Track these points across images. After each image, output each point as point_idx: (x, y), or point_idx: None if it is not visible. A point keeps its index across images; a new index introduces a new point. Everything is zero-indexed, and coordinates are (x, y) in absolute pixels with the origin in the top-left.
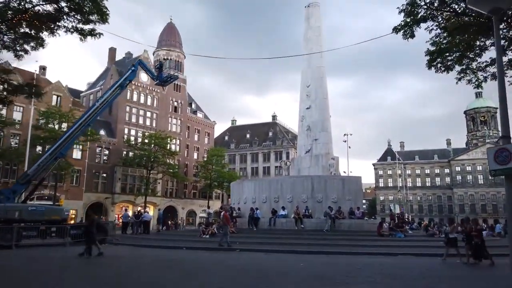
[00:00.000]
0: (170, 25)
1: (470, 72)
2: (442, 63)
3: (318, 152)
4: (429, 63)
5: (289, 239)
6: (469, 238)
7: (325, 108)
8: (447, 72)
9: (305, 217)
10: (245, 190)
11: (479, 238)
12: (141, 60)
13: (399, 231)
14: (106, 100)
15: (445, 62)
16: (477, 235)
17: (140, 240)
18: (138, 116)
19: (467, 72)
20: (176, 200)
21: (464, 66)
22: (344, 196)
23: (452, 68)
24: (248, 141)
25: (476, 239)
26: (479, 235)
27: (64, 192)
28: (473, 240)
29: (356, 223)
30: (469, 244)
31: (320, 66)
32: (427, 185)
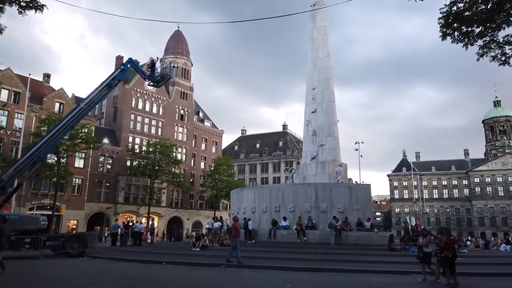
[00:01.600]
0: (177, 33)
1: (495, 46)
2: (459, 30)
3: (324, 159)
4: (444, 28)
5: (287, 254)
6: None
7: (332, 111)
8: (467, 43)
9: (308, 228)
10: (244, 199)
11: (450, 251)
12: (131, 59)
13: (413, 245)
14: (92, 101)
15: (464, 27)
16: (448, 248)
17: (123, 253)
18: (143, 124)
19: (491, 45)
20: (182, 211)
21: (487, 37)
22: (351, 205)
23: (472, 36)
24: (258, 151)
25: (446, 252)
26: (450, 248)
27: (65, 202)
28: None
29: (364, 236)
30: (440, 261)
31: (327, 67)
32: (444, 197)
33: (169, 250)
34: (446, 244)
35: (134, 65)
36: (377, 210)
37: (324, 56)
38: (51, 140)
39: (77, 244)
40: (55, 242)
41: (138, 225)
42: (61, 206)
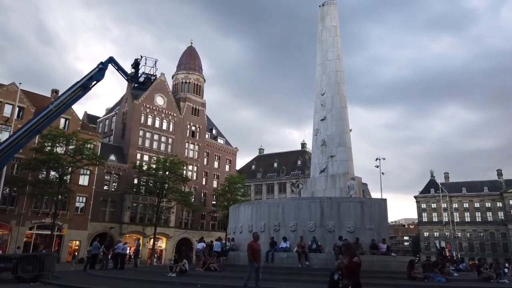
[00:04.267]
0: (190, 49)
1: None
2: None
3: (335, 172)
4: None
5: (280, 283)
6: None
7: (343, 118)
8: None
9: (312, 251)
10: (241, 216)
11: (351, 280)
12: (112, 58)
13: (438, 272)
14: (63, 103)
15: None
16: (349, 275)
17: (87, 280)
18: (152, 141)
19: None
20: (192, 232)
21: None
22: (363, 224)
23: None
24: (276, 170)
25: (346, 280)
26: (352, 275)
27: (67, 221)
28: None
29: (379, 261)
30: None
31: (337, 70)
32: (477, 220)
33: (144, 276)
34: (347, 269)
35: (115, 65)
36: (405, 234)
37: (335, 59)
38: (12, 146)
39: (31, 266)
40: (5, 264)
41: (121, 246)
42: (63, 226)
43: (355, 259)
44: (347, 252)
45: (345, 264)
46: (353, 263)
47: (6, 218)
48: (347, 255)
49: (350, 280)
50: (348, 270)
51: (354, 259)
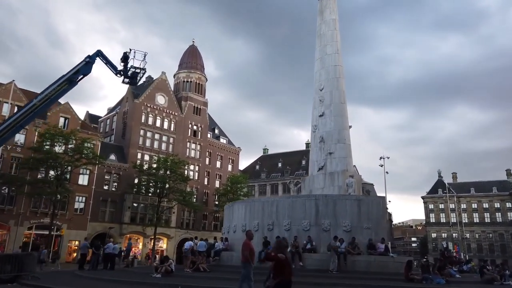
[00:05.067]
0: (192, 48)
1: None
2: None
3: (334, 169)
4: None
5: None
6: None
7: (342, 114)
8: None
9: (306, 251)
10: (234, 215)
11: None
12: (100, 51)
13: (437, 273)
14: (48, 97)
15: None
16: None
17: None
18: (153, 140)
19: None
20: (193, 232)
21: None
22: (360, 223)
23: None
24: (280, 170)
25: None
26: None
27: (67, 221)
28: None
29: (377, 261)
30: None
31: (336, 65)
32: (486, 221)
33: (129, 277)
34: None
35: (103, 58)
36: (412, 235)
37: (334, 53)
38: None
39: (10, 266)
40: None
41: (111, 245)
42: (62, 226)
43: (279, 255)
44: (276, 248)
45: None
46: (273, 257)
47: (4, 218)
48: (277, 250)
49: (275, 278)
50: (273, 267)
51: (273, 254)
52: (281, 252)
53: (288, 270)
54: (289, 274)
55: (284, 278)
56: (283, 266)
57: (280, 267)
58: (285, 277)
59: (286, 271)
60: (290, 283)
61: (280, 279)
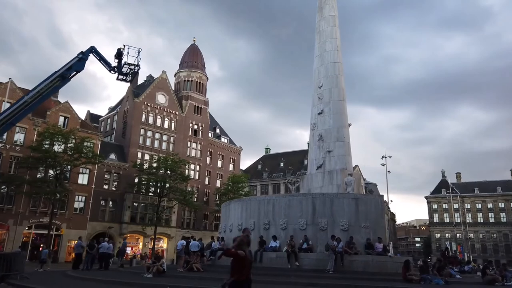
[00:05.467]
0: (193, 47)
1: None
2: None
3: (332, 168)
4: None
5: (265, 285)
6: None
7: (342, 112)
8: None
9: (302, 250)
10: (231, 215)
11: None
12: (94, 47)
13: (436, 274)
14: (40, 94)
15: None
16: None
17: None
18: (154, 140)
19: None
20: (193, 232)
21: None
22: (358, 222)
23: None
24: (282, 170)
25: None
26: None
27: (66, 220)
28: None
29: (375, 261)
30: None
31: (336, 62)
32: (490, 221)
33: (120, 277)
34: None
35: (96, 55)
36: (416, 236)
37: (333, 49)
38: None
39: None
40: None
41: (105, 245)
42: (61, 225)
43: (239, 251)
44: (236, 244)
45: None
46: (232, 253)
47: (3, 217)
48: (237, 247)
49: (232, 275)
50: (232, 264)
51: (232, 250)
52: (241, 248)
53: (247, 269)
54: (247, 273)
55: (241, 277)
56: (241, 263)
57: (238, 265)
58: (242, 276)
59: (244, 269)
60: (247, 283)
61: (236, 277)
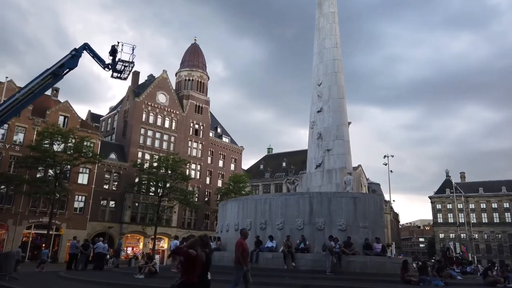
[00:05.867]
0: (194, 46)
1: None
2: None
3: (331, 167)
4: None
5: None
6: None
7: (341, 110)
8: None
9: (299, 251)
10: (228, 214)
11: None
12: (87, 44)
13: (436, 275)
14: (31, 91)
15: None
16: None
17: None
18: (154, 139)
19: None
20: (195, 232)
21: None
22: (356, 222)
23: None
24: (284, 169)
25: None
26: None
27: (66, 220)
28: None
29: (373, 262)
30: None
31: (335, 59)
32: (495, 221)
33: (111, 278)
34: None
35: (90, 51)
36: (420, 236)
37: (332, 46)
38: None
39: None
40: None
41: (101, 245)
42: (61, 225)
43: (190, 250)
44: (190, 243)
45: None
46: (183, 251)
47: (2, 217)
48: (189, 246)
49: (182, 276)
50: (183, 263)
51: (189, 250)
52: (193, 248)
53: (197, 270)
54: (197, 275)
55: (191, 278)
56: (192, 264)
57: (189, 265)
58: (193, 277)
59: (195, 270)
60: (200, 285)
61: (185, 278)
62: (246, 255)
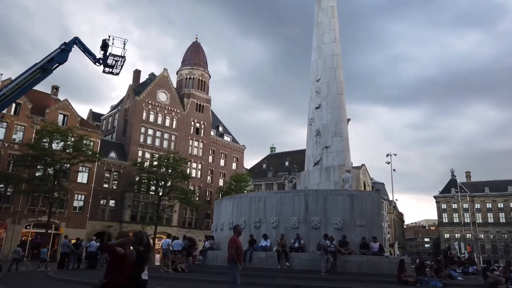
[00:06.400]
0: (195, 44)
1: None
2: None
3: (330, 164)
4: None
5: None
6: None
7: (340, 106)
8: None
9: (294, 250)
10: (222, 212)
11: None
12: (77, 38)
13: (434, 276)
14: (19, 86)
15: None
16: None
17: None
18: (155, 138)
19: None
20: (195, 231)
21: None
22: (353, 220)
23: None
24: (287, 169)
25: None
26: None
27: (65, 219)
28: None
29: (370, 262)
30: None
31: (334, 54)
32: (501, 221)
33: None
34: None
35: (80, 46)
36: (425, 236)
37: (331, 41)
38: None
39: None
40: None
41: (94, 244)
42: (60, 224)
43: (118, 248)
44: (119, 240)
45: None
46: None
47: (1, 216)
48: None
49: (106, 276)
50: (109, 261)
51: (117, 248)
52: (123, 246)
53: (125, 271)
54: (124, 276)
55: (116, 278)
56: (118, 263)
57: (114, 264)
58: (119, 277)
59: (122, 270)
60: (122, 286)
61: (110, 278)
62: (240, 253)
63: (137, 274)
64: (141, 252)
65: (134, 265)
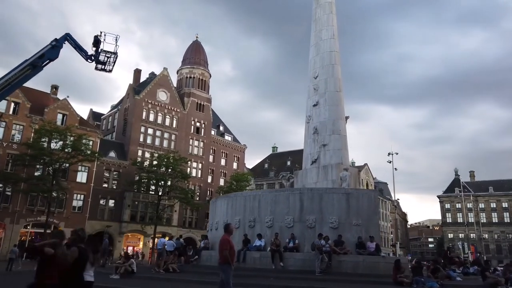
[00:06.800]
0: (195, 43)
1: None
2: None
3: (327, 162)
4: None
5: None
6: None
7: (338, 103)
8: None
9: (288, 250)
10: (217, 212)
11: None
12: (69, 34)
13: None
14: (8, 82)
15: None
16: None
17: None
18: (155, 137)
19: None
20: (196, 231)
21: None
22: (349, 219)
23: None
24: (289, 168)
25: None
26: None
27: (64, 219)
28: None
29: (366, 262)
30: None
31: (332, 51)
32: (505, 221)
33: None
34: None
35: (72, 41)
36: (429, 236)
37: (329, 38)
38: None
39: None
40: None
41: None
42: (59, 224)
43: (46, 248)
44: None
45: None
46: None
47: (0, 216)
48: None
49: (35, 277)
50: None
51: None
52: (54, 246)
53: (53, 272)
54: (56, 277)
55: (46, 280)
56: (46, 264)
57: (43, 265)
58: (48, 279)
59: (51, 271)
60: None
61: (40, 280)
62: (233, 253)
63: (77, 274)
64: (83, 251)
65: (70, 265)
